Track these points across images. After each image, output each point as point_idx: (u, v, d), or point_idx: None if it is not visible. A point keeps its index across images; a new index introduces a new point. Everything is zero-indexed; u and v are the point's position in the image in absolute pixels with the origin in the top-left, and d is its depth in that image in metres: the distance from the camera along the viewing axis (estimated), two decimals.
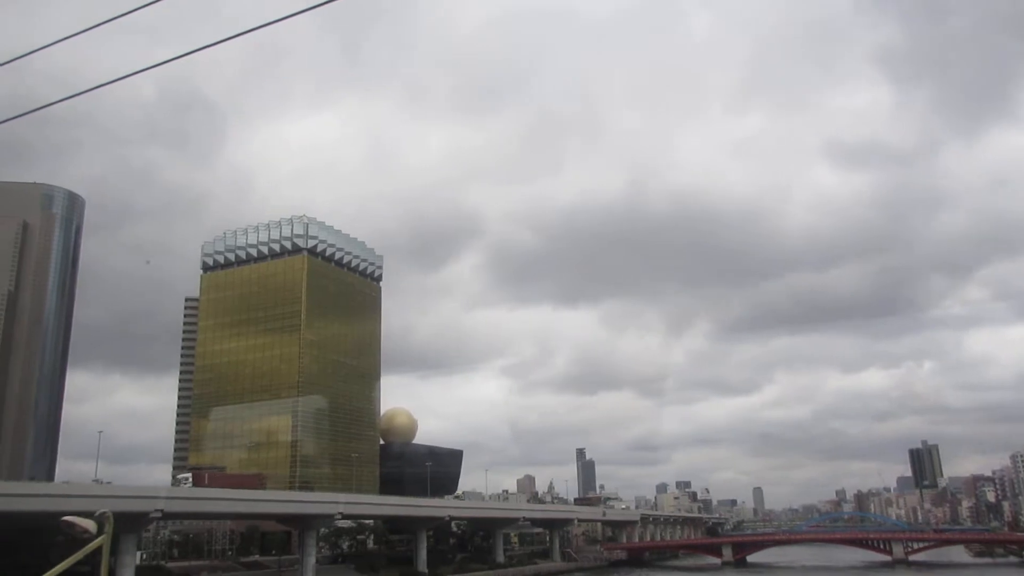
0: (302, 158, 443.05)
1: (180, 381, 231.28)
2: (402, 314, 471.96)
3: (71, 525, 14.25)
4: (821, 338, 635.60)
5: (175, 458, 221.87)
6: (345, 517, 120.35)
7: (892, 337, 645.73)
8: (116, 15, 16.30)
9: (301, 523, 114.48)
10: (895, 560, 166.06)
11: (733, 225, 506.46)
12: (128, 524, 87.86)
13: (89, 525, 14.31)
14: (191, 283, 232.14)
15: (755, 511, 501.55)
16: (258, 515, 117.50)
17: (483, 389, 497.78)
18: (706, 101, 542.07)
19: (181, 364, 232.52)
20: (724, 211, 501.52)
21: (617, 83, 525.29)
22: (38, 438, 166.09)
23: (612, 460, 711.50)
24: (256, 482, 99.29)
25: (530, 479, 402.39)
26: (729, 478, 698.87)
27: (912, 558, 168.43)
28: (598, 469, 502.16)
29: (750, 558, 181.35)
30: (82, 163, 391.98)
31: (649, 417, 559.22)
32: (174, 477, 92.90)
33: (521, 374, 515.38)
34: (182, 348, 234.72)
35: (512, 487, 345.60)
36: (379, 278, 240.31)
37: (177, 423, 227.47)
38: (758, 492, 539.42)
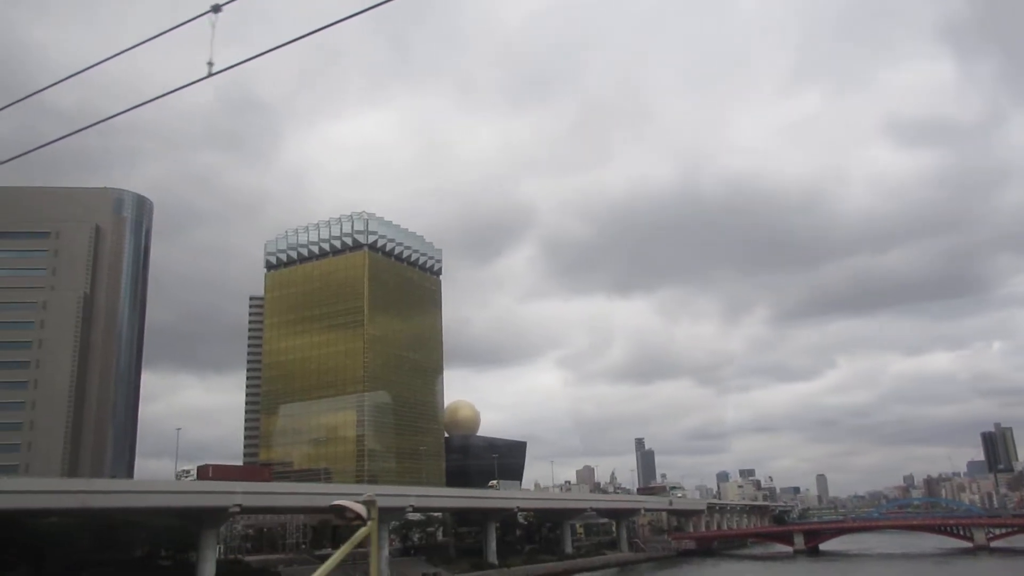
0: (356, 157, 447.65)
1: (248, 379, 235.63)
2: (457, 308, 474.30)
3: (342, 509, 14.04)
4: (882, 321, 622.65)
5: (245, 454, 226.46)
6: (416, 510, 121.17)
7: (956, 318, 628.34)
8: (174, 25, 16.70)
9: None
10: (976, 546, 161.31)
11: (790, 209, 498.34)
12: (209, 519, 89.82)
13: (360, 510, 14.07)
14: (253, 282, 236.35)
15: (819, 498, 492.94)
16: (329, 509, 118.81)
17: (539, 381, 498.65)
18: (758, 83, 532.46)
19: (248, 362, 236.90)
20: (780, 194, 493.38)
21: (666, 69, 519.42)
22: (117, 437, 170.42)
23: (670, 449, 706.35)
24: (266, 474, 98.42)
25: (589, 470, 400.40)
26: (789, 465, 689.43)
27: (993, 544, 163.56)
28: (657, 459, 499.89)
29: (822, 546, 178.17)
30: (145, 169, 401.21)
31: (707, 405, 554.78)
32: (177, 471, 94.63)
33: (577, 365, 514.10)
34: (248, 346, 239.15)
35: (571, 478, 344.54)
36: (439, 272, 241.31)
37: (245, 420, 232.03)
38: (821, 479, 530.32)
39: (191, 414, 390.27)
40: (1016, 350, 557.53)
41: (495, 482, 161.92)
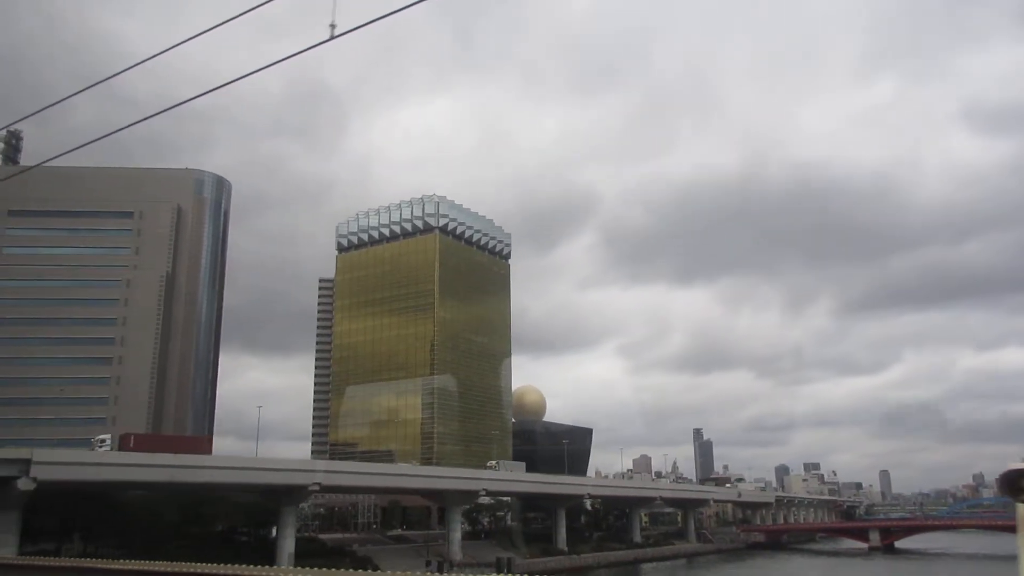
0: (419, 144, 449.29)
1: (317, 360, 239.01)
2: (517, 295, 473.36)
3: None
4: (953, 314, 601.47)
5: (313, 435, 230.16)
6: (488, 494, 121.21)
7: None
8: (243, 11, 16.83)
9: (446, 499, 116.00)
10: None
11: (859, 198, 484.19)
12: (288, 496, 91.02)
13: None
14: (318, 267, 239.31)
15: (882, 495, 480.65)
16: (407, 490, 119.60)
17: (596, 369, 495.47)
18: (829, 69, 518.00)
19: (317, 344, 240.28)
20: (849, 184, 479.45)
21: (734, 55, 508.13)
22: (196, 415, 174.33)
23: (728, 441, 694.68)
24: (204, 445, 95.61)
25: (646, 459, 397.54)
26: (850, 460, 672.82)
27: None
28: (715, 450, 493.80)
29: (898, 543, 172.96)
30: (218, 155, 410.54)
31: (766, 397, 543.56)
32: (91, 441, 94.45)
33: (635, 354, 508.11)
34: (317, 328, 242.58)
35: (628, 467, 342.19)
36: (507, 255, 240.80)
37: (315, 401, 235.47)
38: (884, 475, 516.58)
39: (256, 395, 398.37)
40: None
41: (494, 463, 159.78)
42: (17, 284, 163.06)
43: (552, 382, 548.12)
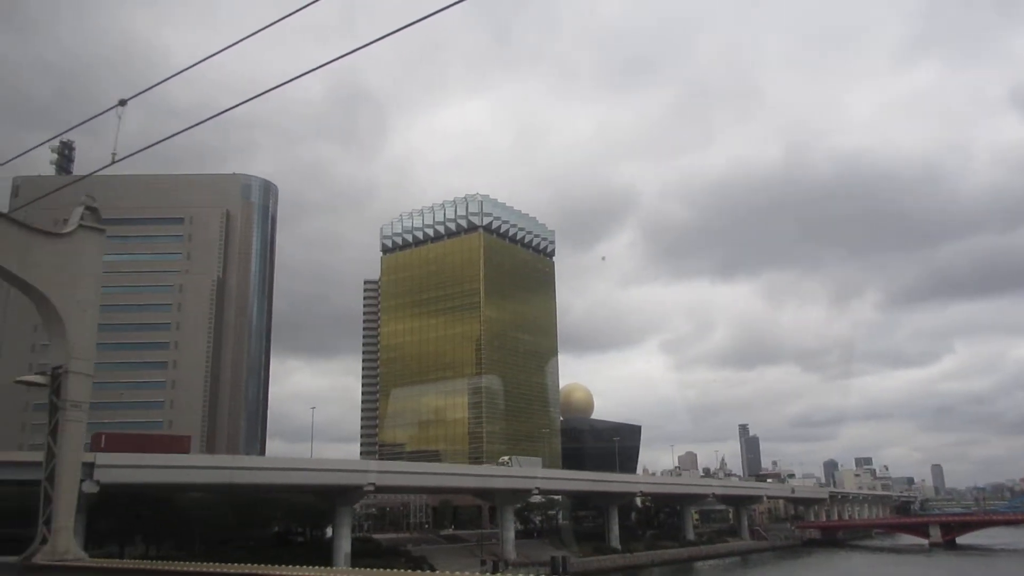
0: (457, 144, 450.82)
1: (364, 361, 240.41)
2: (559, 293, 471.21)
3: None
4: (1005, 304, 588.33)
5: (362, 435, 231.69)
6: (541, 492, 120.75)
7: None
8: (281, 16, 17.06)
9: (499, 498, 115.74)
10: None
11: (906, 186, 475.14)
12: (342, 497, 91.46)
13: None
14: (363, 269, 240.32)
15: (935, 489, 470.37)
16: (460, 489, 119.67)
17: (639, 366, 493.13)
18: (873, 56, 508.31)
19: (364, 345, 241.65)
20: (895, 172, 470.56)
21: (773, 45, 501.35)
22: (249, 417, 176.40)
23: (774, 436, 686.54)
24: (183, 444, 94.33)
25: (691, 456, 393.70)
26: (900, 454, 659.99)
27: None
28: (761, 446, 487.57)
29: (959, 540, 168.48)
30: (261, 162, 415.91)
31: (812, 391, 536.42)
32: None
33: (678, 350, 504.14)
34: (364, 329, 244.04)
35: (672, 465, 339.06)
36: (551, 253, 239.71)
37: (362, 402, 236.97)
38: (937, 469, 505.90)
39: (300, 398, 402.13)
40: None
41: (507, 459, 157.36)
42: None
43: (596, 380, 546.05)
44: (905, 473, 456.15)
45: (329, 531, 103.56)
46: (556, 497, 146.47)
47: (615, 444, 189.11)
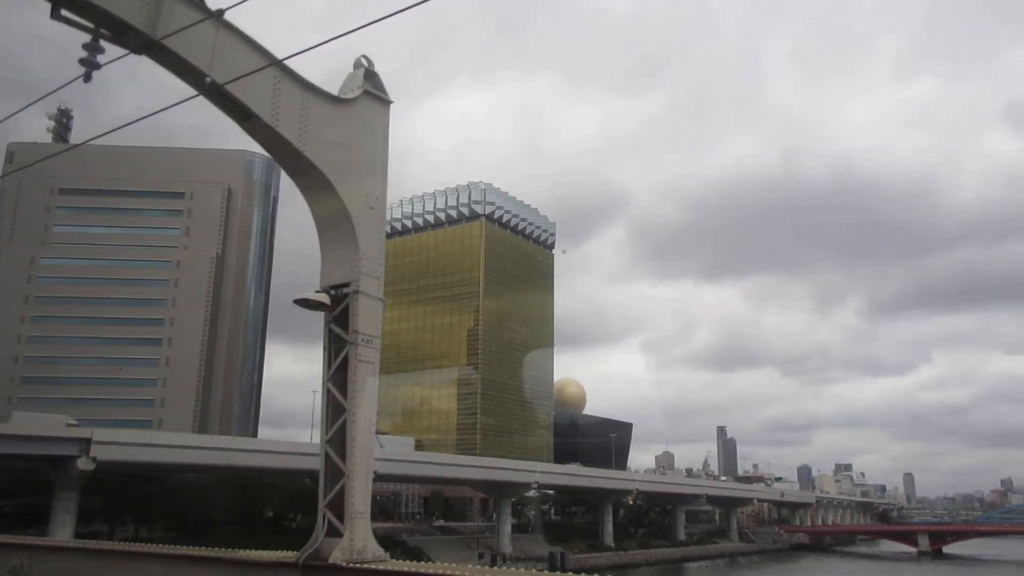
0: (457, 135, 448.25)
1: None
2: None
3: None
4: (985, 317, 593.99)
5: None
6: (540, 486, 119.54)
7: None
8: None
9: (497, 490, 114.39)
10: None
11: (897, 196, 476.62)
12: None
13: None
14: None
15: (907, 498, 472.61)
16: (458, 480, 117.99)
17: (619, 365, 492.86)
18: (874, 66, 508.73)
19: None
20: (889, 182, 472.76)
21: (775, 52, 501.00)
22: (243, 399, 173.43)
23: (749, 439, 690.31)
24: None
25: (668, 456, 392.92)
26: (872, 461, 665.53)
27: None
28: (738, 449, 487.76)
29: (946, 548, 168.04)
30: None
31: (790, 396, 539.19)
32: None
33: (659, 350, 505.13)
34: None
35: (650, 464, 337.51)
36: (551, 245, 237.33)
37: None
38: (908, 478, 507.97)
39: (283, 383, 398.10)
40: None
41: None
42: (66, 262, 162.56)
43: (577, 376, 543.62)
44: (878, 481, 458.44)
45: None
46: (550, 492, 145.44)
47: (610, 440, 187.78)
